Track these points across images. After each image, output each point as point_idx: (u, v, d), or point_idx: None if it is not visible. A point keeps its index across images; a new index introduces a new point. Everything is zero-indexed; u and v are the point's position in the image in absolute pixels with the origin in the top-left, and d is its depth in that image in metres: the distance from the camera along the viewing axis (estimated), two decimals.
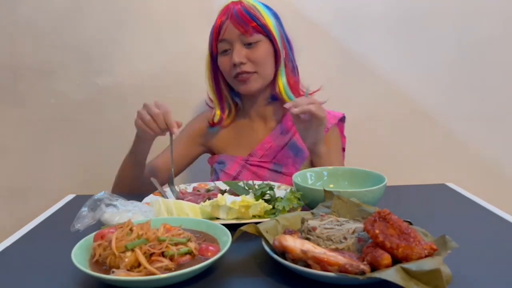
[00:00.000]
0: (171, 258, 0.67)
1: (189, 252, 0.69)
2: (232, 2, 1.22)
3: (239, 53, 1.17)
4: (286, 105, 1.07)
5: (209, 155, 1.39)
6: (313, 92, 1.28)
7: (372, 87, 1.65)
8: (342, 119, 1.31)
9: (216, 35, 1.21)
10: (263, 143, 1.28)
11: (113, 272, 0.64)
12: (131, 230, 0.70)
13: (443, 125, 1.68)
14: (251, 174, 1.25)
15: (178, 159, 1.29)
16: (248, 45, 1.18)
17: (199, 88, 1.27)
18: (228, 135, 1.33)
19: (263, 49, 1.20)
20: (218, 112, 1.30)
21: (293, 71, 1.27)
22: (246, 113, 1.33)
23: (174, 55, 1.58)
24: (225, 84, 1.29)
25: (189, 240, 0.71)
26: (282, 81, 1.24)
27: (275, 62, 1.23)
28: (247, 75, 1.19)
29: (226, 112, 1.31)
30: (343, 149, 1.33)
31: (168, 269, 0.65)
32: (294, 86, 1.27)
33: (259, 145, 1.28)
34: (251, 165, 1.26)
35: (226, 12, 1.20)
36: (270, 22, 1.20)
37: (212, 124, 1.32)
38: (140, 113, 1.05)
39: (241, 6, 1.19)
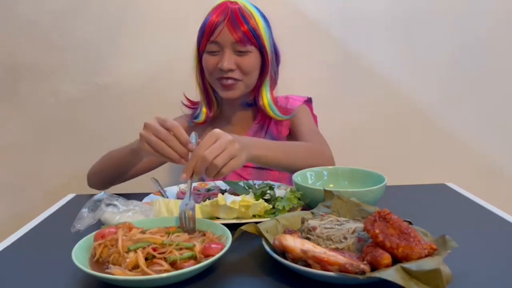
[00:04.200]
0: (174, 263, 0.65)
1: (193, 257, 0.67)
2: (229, 1, 1.19)
3: (229, 60, 1.17)
4: (182, 178, 0.82)
5: None
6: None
7: (372, 86, 1.65)
8: (308, 101, 1.32)
9: (208, 35, 1.18)
10: None
11: (109, 268, 0.64)
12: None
13: (443, 125, 1.68)
14: (236, 175, 1.24)
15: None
16: (239, 52, 1.18)
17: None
18: None
19: (253, 59, 1.19)
20: (204, 110, 1.29)
21: (274, 84, 1.28)
22: (224, 117, 1.33)
23: (174, 55, 1.58)
24: (209, 83, 1.27)
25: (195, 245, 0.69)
26: (266, 96, 1.25)
27: (260, 73, 1.23)
28: (232, 82, 1.19)
29: (213, 110, 1.30)
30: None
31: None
32: (274, 101, 1.28)
33: None
34: None
35: (223, 12, 1.17)
36: (264, 33, 1.20)
37: (197, 124, 1.30)
38: (146, 137, 0.86)
39: (239, 10, 1.17)
